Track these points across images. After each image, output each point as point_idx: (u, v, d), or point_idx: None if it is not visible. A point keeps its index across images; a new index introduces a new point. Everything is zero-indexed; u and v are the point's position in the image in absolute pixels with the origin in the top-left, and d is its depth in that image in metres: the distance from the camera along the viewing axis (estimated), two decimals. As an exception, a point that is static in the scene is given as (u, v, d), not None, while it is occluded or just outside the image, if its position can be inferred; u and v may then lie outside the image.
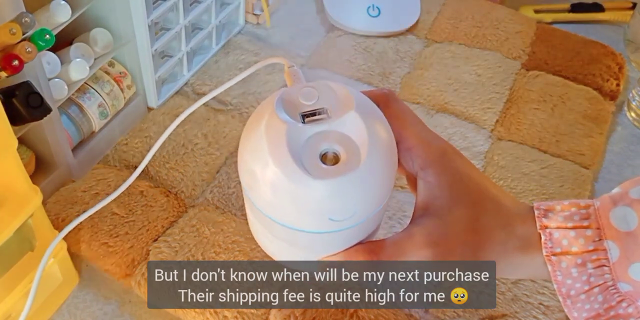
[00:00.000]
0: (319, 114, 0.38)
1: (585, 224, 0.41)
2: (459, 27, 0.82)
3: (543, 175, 0.66)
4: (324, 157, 0.38)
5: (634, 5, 0.87)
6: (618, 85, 0.76)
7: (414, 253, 0.41)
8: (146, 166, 0.65)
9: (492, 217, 0.42)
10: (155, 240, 0.58)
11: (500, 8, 0.85)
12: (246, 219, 0.61)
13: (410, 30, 0.81)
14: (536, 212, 0.41)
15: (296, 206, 0.38)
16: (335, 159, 0.38)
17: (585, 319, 0.42)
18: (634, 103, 0.74)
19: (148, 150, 0.66)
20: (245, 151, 0.38)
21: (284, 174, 0.37)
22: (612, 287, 0.41)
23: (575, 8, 0.88)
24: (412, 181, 0.44)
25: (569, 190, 0.65)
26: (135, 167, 0.65)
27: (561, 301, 0.42)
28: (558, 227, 0.41)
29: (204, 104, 0.71)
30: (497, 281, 0.57)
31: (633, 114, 0.75)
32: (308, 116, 0.38)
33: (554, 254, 0.41)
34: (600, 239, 0.40)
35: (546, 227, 0.41)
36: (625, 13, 0.87)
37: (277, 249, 0.45)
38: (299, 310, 0.53)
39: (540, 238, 0.41)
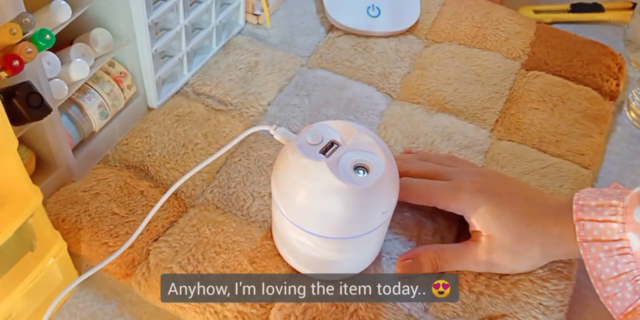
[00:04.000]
0: (332, 146, 0.46)
1: (613, 218, 0.48)
2: (459, 27, 0.82)
3: (543, 175, 0.66)
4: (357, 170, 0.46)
5: (634, 5, 0.87)
6: (618, 85, 0.77)
7: (470, 259, 0.55)
8: (146, 166, 0.66)
9: (531, 228, 0.53)
10: (156, 240, 0.58)
11: (500, 8, 0.85)
12: (246, 219, 0.61)
13: (410, 30, 0.82)
14: (574, 206, 0.51)
15: (364, 214, 0.47)
16: (366, 168, 0.46)
17: (626, 308, 0.49)
18: (633, 103, 0.75)
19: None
20: (300, 197, 0.47)
21: (345, 202, 0.45)
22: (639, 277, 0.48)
23: (575, 8, 0.87)
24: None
25: (568, 190, 0.65)
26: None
27: (593, 284, 0.50)
28: (591, 220, 0.49)
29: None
30: (496, 281, 0.57)
31: (633, 114, 0.75)
32: (325, 151, 0.46)
33: (586, 241, 0.49)
34: (624, 231, 0.48)
35: (581, 220, 0.50)
36: (625, 13, 0.87)
37: (320, 264, 0.54)
38: (299, 310, 0.53)
39: (572, 232, 0.50)
